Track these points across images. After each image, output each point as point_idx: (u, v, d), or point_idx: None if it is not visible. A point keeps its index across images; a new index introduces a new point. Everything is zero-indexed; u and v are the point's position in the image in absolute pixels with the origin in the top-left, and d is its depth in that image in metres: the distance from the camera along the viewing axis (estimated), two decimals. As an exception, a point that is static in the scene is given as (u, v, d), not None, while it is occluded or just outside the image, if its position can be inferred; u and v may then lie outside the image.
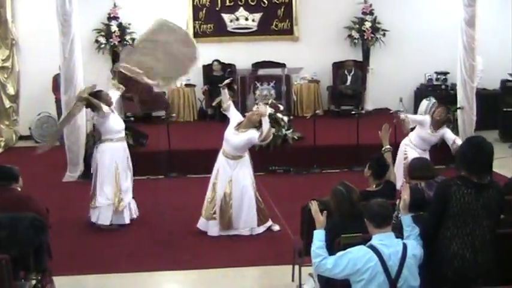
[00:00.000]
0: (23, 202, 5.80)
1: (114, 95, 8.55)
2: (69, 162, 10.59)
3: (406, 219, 4.59)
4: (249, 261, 7.24)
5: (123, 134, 8.58)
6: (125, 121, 10.88)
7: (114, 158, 8.36)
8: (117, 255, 7.53)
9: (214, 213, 8.05)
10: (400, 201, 4.70)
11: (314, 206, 4.84)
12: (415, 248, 4.44)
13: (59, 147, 11.79)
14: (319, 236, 4.65)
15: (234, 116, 8.10)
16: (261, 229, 8.11)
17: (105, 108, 8.08)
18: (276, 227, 8.20)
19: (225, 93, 8.24)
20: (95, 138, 10.50)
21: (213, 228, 8.06)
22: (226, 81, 8.49)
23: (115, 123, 8.41)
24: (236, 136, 7.83)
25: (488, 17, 12.42)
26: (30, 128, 13.51)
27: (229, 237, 7.97)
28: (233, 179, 7.95)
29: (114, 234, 8.18)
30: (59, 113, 11.77)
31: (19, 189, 6.03)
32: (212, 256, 7.44)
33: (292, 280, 6.59)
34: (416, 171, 5.87)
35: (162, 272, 7.10)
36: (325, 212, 4.80)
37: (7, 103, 13.33)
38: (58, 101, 11.63)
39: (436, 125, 8.88)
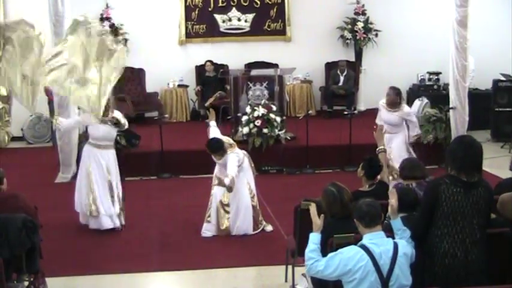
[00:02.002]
0: (11, 199, 5.79)
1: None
2: (62, 163, 10.56)
3: (396, 223, 4.59)
4: (242, 262, 7.24)
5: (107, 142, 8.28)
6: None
7: (92, 163, 8.15)
8: (109, 256, 7.52)
9: (209, 216, 8.07)
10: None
11: (313, 209, 4.84)
12: (405, 247, 4.45)
13: (52, 148, 11.81)
14: (314, 239, 4.64)
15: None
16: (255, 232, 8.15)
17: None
18: (269, 227, 8.20)
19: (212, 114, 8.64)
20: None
21: (206, 231, 8.06)
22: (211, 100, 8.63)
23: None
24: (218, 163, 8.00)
25: (480, 17, 12.45)
26: (22, 129, 13.47)
27: (221, 237, 7.97)
28: (237, 186, 7.97)
29: (106, 235, 8.15)
30: (52, 113, 11.74)
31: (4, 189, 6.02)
32: (204, 256, 7.43)
33: (286, 280, 6.59)
34: (407, 171, 5.91)
35: (154, 273, 7.10)
36: (322, 215, 4.80)
37: (-1, 104, 13.31)
38: (51, 102, 11.60)
39: (388, 104, 9.22)
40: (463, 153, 4.46)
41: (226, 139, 8.10)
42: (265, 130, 10.95)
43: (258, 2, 14.33)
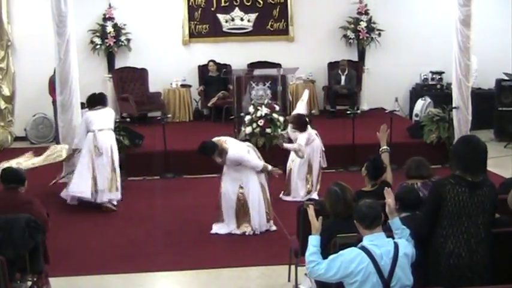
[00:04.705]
0: (26, 206, 5.80)
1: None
2: (65, 164, 10.54)
3: (395, 222, 4.57)
4: (245, 262, 7.23)
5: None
6: (120, 122, 10.94)
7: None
8: (113, 255, 7.52)
9: (221, 216, 8.13)
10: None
11: (311, 211, 4.83)
12: (406, 247, 4.43)
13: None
14: (313, 242, 4.63)
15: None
16: (268, 226, 8.18)
17: None
18: (273, 227, 8.20)
19: None
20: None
21: (217, 229, 8.13)
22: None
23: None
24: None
25: (483, 17, 12.43)
26: (25, 129, 13.49)
27: (225, 237, 7.98)
28: (243, 182, 8.01)
29: (110, 235, 8.18)
30: (56, 114, 11.76)
31: (23, 191, 6.05)
32: (208, 256, 7.44)
33: (289, 280, 6.59)
34: (413, 170, 5.91)
35: (158, 273, 7.10)
36: (320, 217, 4.79)
37: (2, 104, 13.32)
38: (55, 102, 11.62)
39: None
40: (468, 154, 4.45)
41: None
42: (268, 130, 10.93)
43: (261, 2, 14.33)
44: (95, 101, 9.52)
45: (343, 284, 4.42)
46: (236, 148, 7.89)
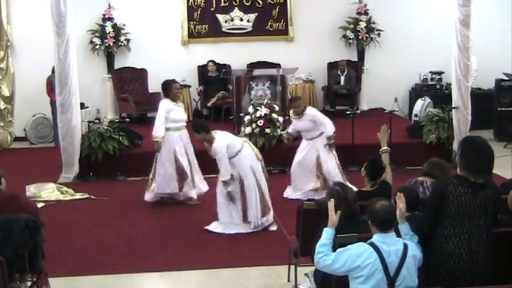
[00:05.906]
0: (14, 200, 5.78)
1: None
2: (65, 164, 10.55)
3: (404, 228, 4.56)
4: (245, 262, 7.23)
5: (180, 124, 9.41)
6: (120, 122, 10.93)
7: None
8: (112, 255, 7.51)
9: (217, 214, 8.13)
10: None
11: (331, 204, 4.83)
12: (415, 249, 4.43)
13: (54, 148, 11.82)
14: (327, 234, 4.63)
15: None
16: (264, 220, 8.14)
17: None
18: (273, 227, 8.20)
19: None
20: (90, 139, 10.52)
21: (214, 228, 8.13)
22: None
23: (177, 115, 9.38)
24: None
25: (483, 17, 12.44)
26: (25, 129, 13.49)
27: (224, 237, 7.98)
28: (240, 178, 8.00)
29: (109, 235, 8.18)
30: (54, 114, 11.77)
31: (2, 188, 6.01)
32: (207, 256, 7.42)
33: (288, 280, 6.59)
34: (428, 168, 5.90)
35: (157, 273, 7.08)
36: (339, 211, 4.78)
37: (2, 104, 13.33)
38: (53, 103, 11.63)
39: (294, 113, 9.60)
40: (474, 155, 4.45)
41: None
42: (267, 130, 10.95)
43: (260, 2, 14.33)
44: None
45: (348, 278, 4.42)
46: (222, 141, 7.85)
